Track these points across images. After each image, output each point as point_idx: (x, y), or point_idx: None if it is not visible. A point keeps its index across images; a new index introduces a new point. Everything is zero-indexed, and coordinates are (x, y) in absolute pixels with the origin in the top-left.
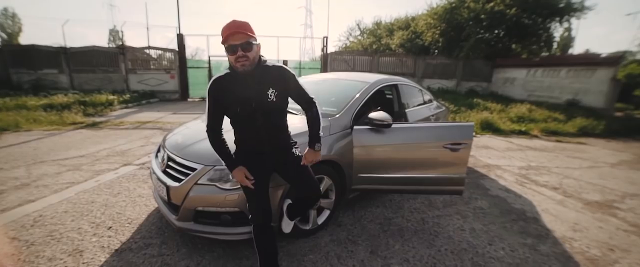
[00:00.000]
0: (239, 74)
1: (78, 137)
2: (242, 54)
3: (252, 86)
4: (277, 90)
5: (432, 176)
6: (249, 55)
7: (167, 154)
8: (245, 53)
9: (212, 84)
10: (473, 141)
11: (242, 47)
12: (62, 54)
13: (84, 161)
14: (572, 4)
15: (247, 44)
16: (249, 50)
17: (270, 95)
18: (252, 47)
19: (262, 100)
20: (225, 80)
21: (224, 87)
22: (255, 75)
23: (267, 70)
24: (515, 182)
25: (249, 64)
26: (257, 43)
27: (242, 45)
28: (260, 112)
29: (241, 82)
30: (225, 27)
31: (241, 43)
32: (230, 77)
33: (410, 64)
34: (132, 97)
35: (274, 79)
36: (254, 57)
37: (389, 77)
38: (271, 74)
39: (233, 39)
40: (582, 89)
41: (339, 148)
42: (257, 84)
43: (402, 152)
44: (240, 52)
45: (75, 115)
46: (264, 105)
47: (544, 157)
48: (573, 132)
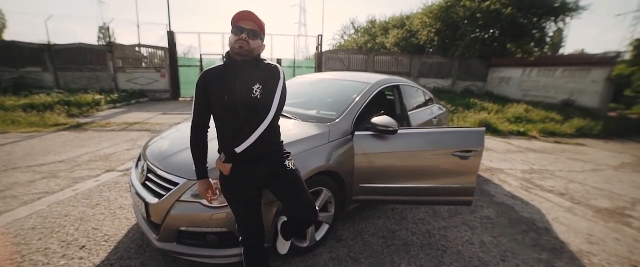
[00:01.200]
0: (230, 64)
1: (59, 140)
2: (245, 37)
3: (240, 77)
4: (263, 87)
5: (440, 186)
6: (251, 43)
7: (146, 164)
8: (249, 39)
9: (202, 76)
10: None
11: (248, 33)
12: (45, 51)
13: (62, 167)
14: (567, 4)
15: (253, 33)
16: (253, 38)
17: (255, 90)
18: (257, 37)
19: (246, 95)
20: (215, 71)
21: (214, 78)
22: (246, 67)
23: (260, 67)
24: (520, 187)
25: (246, 49)
26: (263, 40)
27: (249, 31)
28: (243, 107)
29: (231, 72)
30: (241, 11)
31: (249, 28)
32: (221, 68)
33: (406, 63)
34: (120, 97)
35: (264, 75)
36: (254, 48)
37: (390, 78)
38: (263, 70)
39: (244, 23)
40: (577, 89)
41: (339, 156)
42: (246, 76)
43: (408, 160)
44: (244, 35)
45: (57, 116)
46: (248, 101)
47: (545, 160)
48: (571, 132)
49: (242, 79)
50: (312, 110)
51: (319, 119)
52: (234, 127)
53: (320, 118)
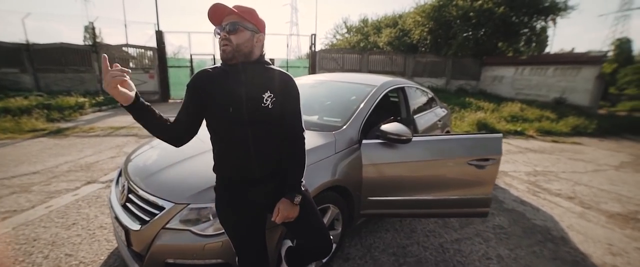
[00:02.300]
0: (231, 69)
1: (35, 148)
2: (225, 35)
3: (245, 83)
4: (275, 95)
5: (454, 198)
6: (234, 38)
7: (127, 183)
8: (230, 35)
9: (197, 76)
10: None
11: (228, 28)
12: (24, 51)
13: (36, 179)
14: (557, 3)
15: (233, 25)
16: (235, 32)
17: (266, 99)
18: (239, 29)
19: (254, 104)
20: (215, 74)
21: (213, 82)
22: (249, 72)
23: (269, 72)
24: (527, 191)
25: (231, 50)
26: (253, 30)
27: (227, 27)
28: (249, 120)
29: (233, 77)
30: (210, 8)
31: (227, 23)
32: (221, 71)
33: (400, 62)
34: (106, 99)
35: (275, 83)
36: (240, 43)
37: (395, 79)
38: (273, 77)
39: (224, 20)
40: (568, 87)
41: (346, 168)
42: (251, 82)
43: (420, 171)
44: (224, 33)
45: (35, 121)
46: (256, 111)
47: (546, 161)
48: (566, 131)
49: (248, 86)
50: (313, 116)
51: (322, 126)
52: (235, 143)
53: (324, 126)
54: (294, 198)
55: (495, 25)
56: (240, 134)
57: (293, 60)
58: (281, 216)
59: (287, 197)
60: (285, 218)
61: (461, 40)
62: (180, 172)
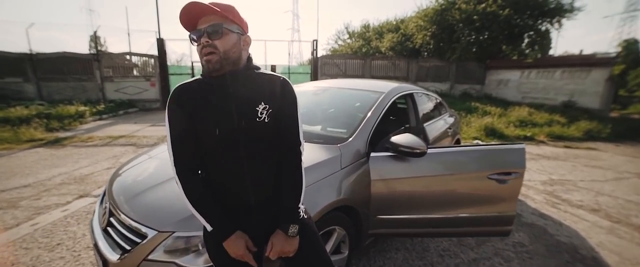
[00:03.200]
0: (215, 82)
1: (30, 159)
2: (206, 42)
3: (234, 97)
4: (271, 107)
5: (473, 216)
6: (219, 44)
7: (108, 204)
8: (213, 41)
9: (175, 94)
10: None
11: (208, 33)
12: (27, 60)
13: (26, 193)
14: (562, 5)
15: (214, 28)
16: (217, 36)
17: (260, 112)
18: (223, 32)
19: (248, 120)
20: (196, 88)
21: (194, 98)
22: (239, 82)
23: (259, 79)
24: (545, 202)
25: (218, 59)
26: (238, 32)
27: (208, 30)
28: (243, 138)
29: (219, 91)
30: (183, 8)
31: (207, 26)
32: (202, 84)
33: (403, 67)
34: (107, 107)
35: (269, 91)
36: (229, 50)
37: (403, 85)
38: (265, 83)
39: (201, 23)
40: (577, 90)
41: (353, 185)
42: (242, 95)
43: (435, 187)
44: (204, 39)
45: (33, 131)
46: (251, 128)
47: (561, 168)
48: (579, 136)
49: (239, 99)
50: (316, 126)
51: (326, 138)
52: (227, 166)
53: (327, 137)
54: (288, 229)
55: (499, 28)
56: (232, 155)
57: (295, 67)
58: (275, 251)
59: (281, 228)
60: (281, 253)
61: (465, 44)
62: (167, 194)
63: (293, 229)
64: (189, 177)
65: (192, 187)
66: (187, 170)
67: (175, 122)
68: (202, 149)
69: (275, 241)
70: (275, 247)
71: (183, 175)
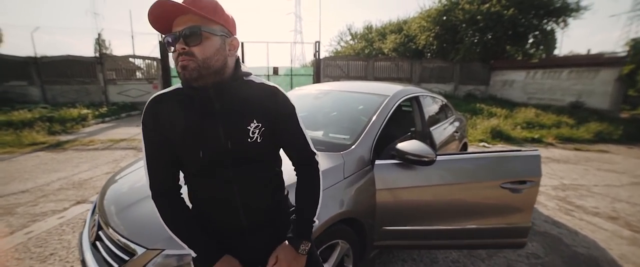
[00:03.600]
0: (197, 93)
1: (31, 163)
2: (182, 48)
3: (220, 114)
4: (264, 124)
5: (485, 227)
6: (197, 51)
7: (98, 216)
8: (191, 47)
9: (150, 107)
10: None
11: (185, 38)
12: (32, 64)
13: (23, 199)
14: (568, 4)
15: (192, 32)
16: (195, 42)
17: (252, 131)
18: (202, 37)
19: (237, 141)
20: (171, 101)
21: (171, 113)
22: (225, 95)
23: (249, 90)
24: (558, 209)
25: (195, 67)
26: (222, 34)
27: (184, 34)
28: (232, 161)
29: (202, 106)
30: (152, 6)
31: (182, 29)
32: (181, 96)
33: (406, 68)
34: (110, 110)
35: (261, 105)
36: (210, 58)
37: (408, 88)
38: (256, 96)
39: (176, 24)
40: (585, 91)
41: (357, 195)
42: (230, 111)
43: (444, 196)
44: (180, 45)
45: (36, 135)
46: (240, 149)
47: (573, 172)
48: (589, 138)
49: (226, 117)
50: (317, 131)
51: (328, 145)
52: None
53: (330, 144)
54: (299, 246)
55: (503, 29)
56: (219, 179)
57: (297, 69)
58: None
59: (292, 243)
60: None
61: (468, 45)
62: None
63: (304, 247)
64: (167, 201)
65: (171, 212)
66: (164, 193)
67: (150, 141)
68: (184, 169)
69: (281, 256)
70: (281, 263)
71: (159, 199)
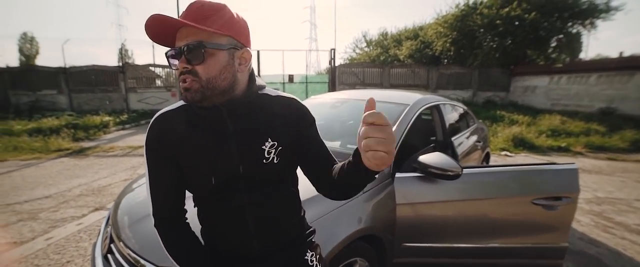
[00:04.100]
0: (203, 110)
1: (55, 169)
2: (184, 67)
3: (232, 134)
4: (281, 142)
5: (515, 247)
6: (201, 71)
7: (110, 229)
8: (194, 66)
9: (155, 127)
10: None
11: (187, 55)
12: (61, 74)
13: (46, 205)
14: (596, 5)
15: (194, 48)
16: (197, 60)
17: (267, 151)
18: (203, 54)
19: (251, 163)
20: (179, 120)
21: (179, 133)
22: (238, 114)
23: (265, 106)
24: (594, 226)
25: (198, 88)
26: (231, 47)
27: (186, 50)
28: (245, 185)
29: (212, 125)
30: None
31: (185, 45)
32: (190, 114)
33: (423, 74)
34: (130, 117)
35: (278, 121)
36: (216, 77)
37: (429, 97)
38: (272, 112)
39: (179, 37)
40: (617, 96)
41: (376, 210)
42: (243, 130)
43: (469, 212)
44: (182, 64)
45: (61, 141)
46: (255, 172)
47: (608, 184)
48: (624, 147)
49: (238, 135)
50: (334, 142)
51: (346, 157)
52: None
53: (348, 156)
54: None
55: (524, 33)
56: (231, 204)
57: (312, 76)
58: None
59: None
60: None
61: (487, 50)
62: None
63: None
64: (171, 229)
65: (175, 242)
66: (169, 221)
67: (154, 164)
68: (192, 192)
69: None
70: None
71: (163, 227)
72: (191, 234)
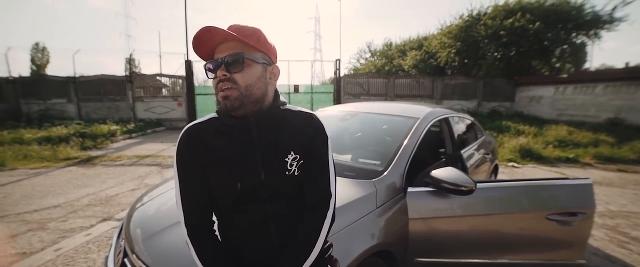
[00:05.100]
0: (232, 121)
1: (64, 178)
2: (224, 74)
3: (258, 144)
4: (302, 155)
5: (529, 263)
6: (239, 79)
7: (124, 242)
8: (232, 74)
9: (186, 137)
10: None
11: (225, 64)
12: (71, 83)
13: (55, 214)
14: (600, 17)
15: (234, 59)
16: (237, 69)
17: (290, 163)
18: (244, 64)
19: (275, 173)
20: (208, 131)
21: (208, 143)
22: (264, 126)
23: (288, 120)
24: (609, 241)
25: (238, 96)
26: (264, 62)
27: (226, 61)
28: (268, 194)
29: (239, 135)
30: (198, 32)
31: (225, 56)
32: (218, 126)
33: (427, 85)
34: (137, 126)
35: (300, 136)
36: (252, 85)
37: (438, 110)
38: (294, 126)
39: (219, 51)
40: (625, 106)
41: (389, 226)
42: (268, 142)
43: (483, 227)
44: (221, 72)
45: (70, 150)
46: (277, 182)
47: (620, 197)
48: (635, 158)
49: (264, 148)
50: (345, 155)
51: (358, 172)
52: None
53: (360, 170)
54: None
55: (528, 43)
56: (256, 213)
57: (317, 86)
58: None
59: None
60: None
61: (491, 61)
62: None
63: None
64: (203, 238)
65: (207, 251)
66: (201, 230)
67: (186, 173)
68: (218, 202)
69: None
70: None
71: (196, 236)
72: (221, 243)
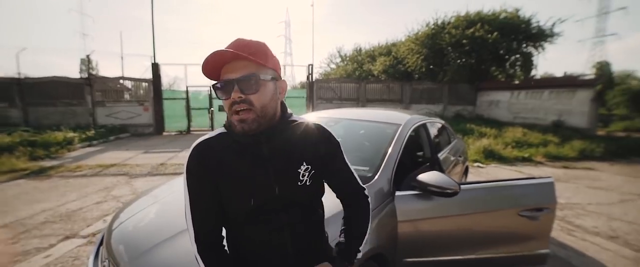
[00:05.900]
0: (249, 140)
1: (10, 193)
2: (239, 97)
3: (270, 159)
4: (313, 166)
5: (505, 256)
6: (255, 100)
7: (108, 261)
8: (248, 96)
9: (196, 153)
10: (476, 172)
11: (240, 86)
12: (15, 85)
13: (2, 236)
14: (544, 30)
15: (248, 80)
16: (253, 90)
17: (302, 174)
18: (259, 84)
19: (287, 184)
20: (218, 147)
21: (219, 159)
22: (276, 140)
23: (297, 132)
24: (560, 230)
25: (254, 118)
26: (274, 78)
27: (242, 83)
28: (281, 206)
29: (253, 153)
30: (213, 53)
31: (240, 77)
32: (228, 141)
33: (397, 90)
34: (97, 133)
35: (310, 147)
36: (267, 105)
37: (417, 116)
38: (303, 138)
39: (229, 70)
40: (565, 110)
41: (380, 229)
42: (280, 155)
43: (465, 226)
44: (237, 94)
45: (15, 161)
46: (290, 193)
47: (565, 190)
48: (574, 156)
49: (276, 161)
50: None
51: None
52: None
53: None
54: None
55: (487, 52)
56: (269, 226)
57: (289, 90)
58: None
59: (335, 264)
60: None
61: (455, 67)
62: (178, 253)
63: None
64: (214, 254)
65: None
66: (211, 247)
67: (196, 190)
68: (229, 217)
69: None
70: None
71: (206, 253)
72: (231, 259)
